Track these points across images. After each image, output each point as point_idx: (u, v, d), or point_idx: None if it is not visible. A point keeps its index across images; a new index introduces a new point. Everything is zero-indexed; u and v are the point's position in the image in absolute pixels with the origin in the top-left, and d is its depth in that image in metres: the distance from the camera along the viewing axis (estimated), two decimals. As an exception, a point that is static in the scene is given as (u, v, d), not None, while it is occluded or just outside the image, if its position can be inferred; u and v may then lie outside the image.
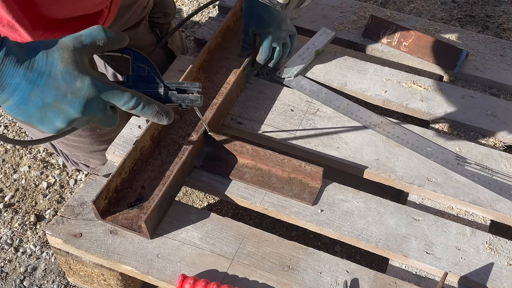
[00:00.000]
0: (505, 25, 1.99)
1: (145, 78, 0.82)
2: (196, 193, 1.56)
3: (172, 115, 0.83)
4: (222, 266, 1.09)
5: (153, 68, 0.82)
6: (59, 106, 0.75)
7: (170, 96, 0.82)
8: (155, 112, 0.80)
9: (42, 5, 1.07)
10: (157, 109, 0.80)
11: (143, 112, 0.80)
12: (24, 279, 1.41)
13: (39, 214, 1.55)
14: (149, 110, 0.80)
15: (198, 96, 0.83)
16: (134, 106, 0.78)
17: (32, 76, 0.74)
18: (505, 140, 1.34)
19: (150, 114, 0.80)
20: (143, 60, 0.83)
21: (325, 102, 1.37)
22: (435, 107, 1.38)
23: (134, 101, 0.78)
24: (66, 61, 0.75)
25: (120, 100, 0.78)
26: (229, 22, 1.50)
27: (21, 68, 0.73)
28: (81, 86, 0.75)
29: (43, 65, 0.74)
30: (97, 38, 0.78)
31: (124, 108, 0.79)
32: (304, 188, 1.19)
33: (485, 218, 1.20)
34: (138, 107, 0.79)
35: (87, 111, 0.76)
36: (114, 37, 0.80)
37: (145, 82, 0.82)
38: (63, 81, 0.74)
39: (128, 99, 0.78)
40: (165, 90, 0.82)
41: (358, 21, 1.61)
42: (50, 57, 0.75)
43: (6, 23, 1.07)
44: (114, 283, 1.18)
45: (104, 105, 0.78)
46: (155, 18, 1.54)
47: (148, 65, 0.82)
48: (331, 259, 1.11)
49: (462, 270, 1.09)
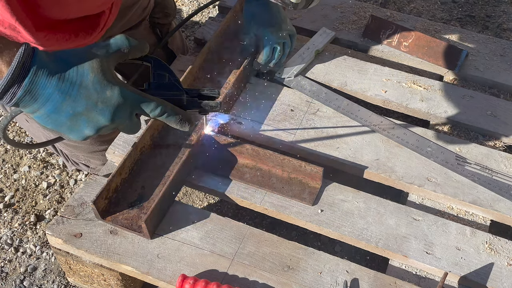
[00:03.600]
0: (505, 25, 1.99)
1: (166, 85, 0.83)
2: (196, 193, 1.56)
3: (194, 122, 0.86)
4: (222, 266, 1.09)
5: (173, 75, 0.84)
6: (90, 115, 0.77)
7: (192, 102, 0.84)
8: (179, 119, 0.83)
9: (45, 6, 1.08)
10: (180, 117, 0.83)
11: (167, 120, 0.82)
12: (24, 279, 1.41)
13: (39, 214, 1.55)
14: (173, 118, 0.82)
15: (218, 103, 0.85)
16: (160, 114, 0.81)
17: (65, 87, 0.75)
18: (505, 140, 1.34)
19: (174, 122, 0.83)
20: (163, 67, 0.84)
21: (325, 102, 1.37)
22: (435, 107, 1.38)
23: (160, 109, 0.80)
24: (96, 71, 0.77)
25: (147, 108, 0.80)
26: (229, 22, 1.50)
27: (53, 78, 0.75)
28: (111, 95, 0.77)
29: (75, 75, 0.76)
30: (122, 46, 0.81)
31: (150, 116, 0.81)
32: (304, 188, 1.19)
33: (485, 218, 1.20)
34: (163, 115, 0.81)
35: (116, 119, 0.79)
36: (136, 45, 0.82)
37: (167, 89, 0.83)
38: (93, 90, 0.76)
39: (154, 107, 0.80)
40: (187, 97, 0.83)
41: (358, 21, 1.61)
42: (81, 67, 0.76)
43: (8, 25, 1.07)
44: (114, 283, 1.18)
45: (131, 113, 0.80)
46: (155, 19, 1.54)
47: (169, 73, 0.84)
48: (331, 259, 1.11)
49: (462, 270, 1.09)
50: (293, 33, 1.38)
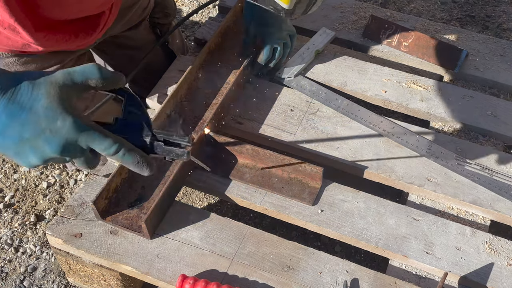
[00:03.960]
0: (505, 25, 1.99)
1: (134, 124, 0.77)
2: (196, 193, 1.56)
3: (154, 167, 0.79)
4: (222, 266, 1.09)
5: (145, 115, 0.78)
6: (36, 143, 0.72)
7: (156, 147, 0.78)
8: (136, 162, 0.76)
9: (45, 7, 1.08)
10: (138, 159, 0.76)
11: (123, 160, 0.76)
12: (24, 279, 1.41)
13: (39, 214, 1.55)
14: (129, 159, 0.76)
15: (185, 152, 0.78)
16: (114, 153, 0.74)
17: (13, 109, 0.70)
18: (505, 140, 1.34)
19: (130, 163, 0.76)
20: (136, 104, 0.78)
21: (325, 102, 1.36)
22: (435, 107, 1.38)
23: (114, 148, 0.74)
24: (52, 97, 0.71)
25: (100, 145, 0.74)
26: (229, 22, 1.50)
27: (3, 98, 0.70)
28: (62, 125, 0.71)
29: (27, 98, 0.71)
30: (90, 77, 0.74)
31: (103, 154, 0.75)
32: (304, 188, 1.19)
33: (485, 218, 1.20)
34: (118, 154, 0.75)
35: (64, 152, 0.73)
36: (109, 78, 0.75)
37: (133, 128, 0.77)
38: (44, 117, 0.71)
39: (108, 146, 0.74)
40: (152, 140, 0.78)
41: (358, 21, 1.61)
42: (36, 90, 0.71)
43: (8, 26, 1.07)
44: (114, 283, 1.18)
45: (83, 147, 0.74)
46: (155, 19, 1.54)
47: (140, 111, 0.78)
48: (331, 259, 1.11)
49: (462, 270, 1.09)
50: (293, 33, 1.38)
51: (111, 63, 1.62)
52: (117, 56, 1.57)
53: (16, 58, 1.20)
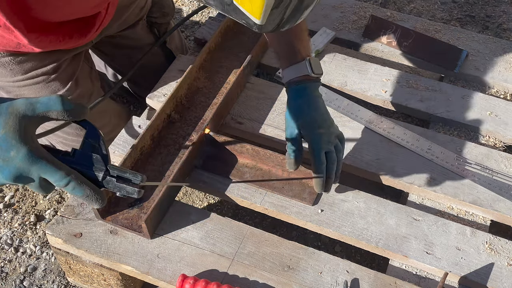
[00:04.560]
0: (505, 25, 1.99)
1: (90, 157, 0.80)
2: (196, 193, 1.56)
3: (105, 200, 0.81)
4: (222, 266, 1.09)
5: (103, 148, 0.81)
6: None
7: (107, 182, 0.80)
8: (86, 195, 0.79)
9: (36, 8, 1.07)
10: (88, 193, 0.79)
11: (73, 193, 0.78)
12: (24, 279, 1.41)
13: (39, 214, 1.55)
14: (79, 192, 0.78)
15: (135, 190, 0.81)
16: (64, 185, 0.77)
17: None
18: (505, 140, 1.34)
19: (80, 196, 0.79)
20: (95, 137, 0.81)
21: (325, 102, 1.35)
22: (435, 107, 1.38)
23: (65, 181, 0.77)
24: (9, 128, 0.74)
25: (52, 177, 0.76)
26: (229, 22, 1.50)
27: None
28: (14, 156, 0.74)
29: None
30: (53, 109, 0.76)
31: (55, 185, 0.78)
32: (304, 188, 1.19)
33: (485, 218, 1.20)
34: (68, 187, 0.77)
35: (17, 180, 0.76)
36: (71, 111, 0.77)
37: (89, 161, 0.80)
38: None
39: (59, 178, 0.76)
40: (104, 175, 0.80)
41: (358, 21, 1.61)
42: None
43: (3, 24, 1.07)
44: (114, 283, 1.18)
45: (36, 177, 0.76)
46: (153, 18, 1.54)
47: (99, 144, 0.80)
48: (331, 259, 1.11)
49: (462, 270, 1.09)
50: (342, 137, 1.17)
51: (110, 63, 1.62)
52: (116, 56, 1.57)
53: (12, 58, 1.20)
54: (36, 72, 1.26)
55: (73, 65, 1.33)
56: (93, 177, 0.80)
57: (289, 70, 1.16)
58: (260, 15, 0.72)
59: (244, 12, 0.73)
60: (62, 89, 1.31)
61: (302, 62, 1.14)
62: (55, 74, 1.29)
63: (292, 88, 1.15)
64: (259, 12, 0.72)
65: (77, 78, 1.34)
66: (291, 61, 1.15)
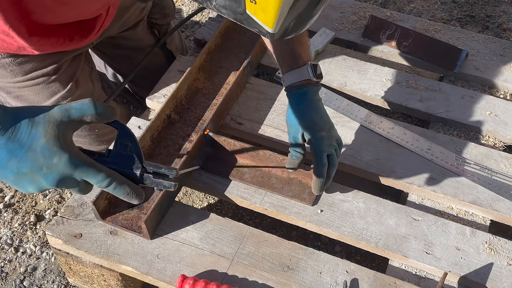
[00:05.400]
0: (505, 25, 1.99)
1: (125, 156, 0.82)
2: (196, 193, 1.56)
3: (143, 196, 0.84)
4: (222, 267, 1.09)
5: (136, 147, 0.83)
6: (34, 177, 0.77)
7: (145, 178, 0.83)
8: (126, 193, 0.82)
9: (40, 13, 1.08)
10: (128, 191, 0.82)
11: (114, 192, 0.81)
12: (24, 279, 1.41)
13: (39, 214, 1.55)
14: (120, 191, 0.81)
15: (172, 184, 0.84)
16: (106, 185, 0.80)
17: (13, 146, 0.75)
18: (505, 140, 1.34)
19: (121, 195, 0.82)
20: (128, 137, 0.83)
21: (325, 102, 1.36)
22: (435, 107, 1.38)
23: (106, 182, 0.79)
24: (49, 136, 0.76)
25: (94, 179, 0.79)
26: (229, 23, 1.50)
27: (3, 137, 0.75)
28: (57, 162, 0.76)
29: (25, 137, 0.75)
30: (87, 113, 0.79)
31: (97, 186, 0.80)
32: (304, 188, 1.19)
33: (485, 218, 1.20)
34: (110, 187, 0.80)
35: (59, 185, 0.78)
36: (103, 113, 0.80)
37: (125, 160, 0.82)
38: (41, 155, 0.76)
39: (101, 179, 0.79)
40: (142, 172, 0.83)
41: (358, 21, 1.61)
42: (34, 129, 0.76)
43: (2, 31, 1.07)
44: (114, 283, 1.18)
45: (78, 180, 0.79)
46: (153, 19, 1.54)
47: (132, 143, 0.83)
48: (331, 259, 1.11)
49: (462, 270, 1.09)
50: (340, 141, 1.18)
51: (110, 64, 1.62)
52: (116, 57, 1.57)
53: (12, 59, 1.20)
54: (37, 73, 1.26)
55: (73, 66, 1.33)
56: (131, 175, 0.82)
57: (290, 74, 1.16)
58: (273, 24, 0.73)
59: (257, 22, 0.74)
60: (62, 90, 1.31)
61: (303, 66, 1.14)
62: (56, 75, 1.29)
63: (293, 93, 1.16)
64: (272, 22, 0.73)
65: (77, 79, 1.35)
66: (292, 66, 1.15)
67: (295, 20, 0.75)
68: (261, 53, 1.49)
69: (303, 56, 1.15)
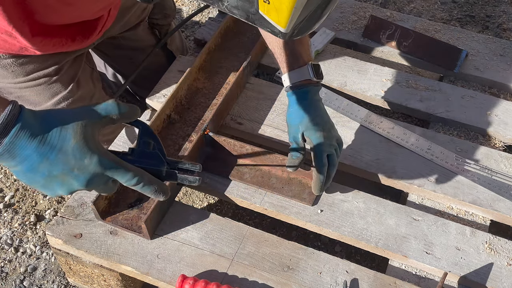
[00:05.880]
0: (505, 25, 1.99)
1: (149, 154, 0.84)
2: (196, 193, 1.56)
3: (169, 193, 0.86)
4: (222, 267, 1.09)
5: (159, 144, 0.85)
6: (65, 178, 0.78)
7: (170, 175, 0.85)
8: (154, 191, 0.83)
9: (44, 13, 1.08)
10: (156, 189, 0.83)
11: (142, 190, 0.83)
12: (24, 279, 1.41)
13: (39, 214, 1.55)
14: (148, 189, 0.83)
15: (197, 178, 0.85)
16: (135, 184, 0.81)
17: (44, 150, 0.76)
18: (505, 140, 1.34)
19: (148, 192, 0.84)
20: (150, 135, 0.85)
21: (325, 102, 1.36)
22: (435, 107, 1.38)
23: (135, 181, 0.81)
24: (79, 137, 0.77)
25: (123, 178, 0.80)
26: (229, 23, 1.50)
27: (34, 141, 0.75)
28: (89, 163, 0.77)
29: (56, 139, 0.76)
30: (111, 113, 0.80)
31: (125, 184, 0.82)
32: (304, 188, 1.19)
33: (485, 218, 1.20)
34: (138, 186, 0.82)
35: (89, 185, 0.79)
36: (126, 113, 0.82)
37: (149, 158, 0.84)
38: (72, 156, 0.77)
39: (130, 178, 0.80)
40: (167, 168, 0.85)
41: (358, 21, 1.61)
42: (64, 131, 0.77)
43: (4, 32, 1.08)
44: (114, 283, 1.18)
45: (107, 179, 0.81)
46: (154, 20, 1.54)
47: (155, 141, 0.85)
48: (331, 259, 1.11)
49: (462, 270, 1.09)
50: (340, 141, 1.18)
51: (111, 64, 1.62)
52: (117, 57, 1.57)
53: (14, 60, 1.20)
54: (38, 74, 1.26)
55: (74, 66, 1.33)
56: (157, 172, 0.84)
57: (291, 74, 1.16)
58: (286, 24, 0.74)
59: (270, 21, 0.74)
60: (63, 90, 1.31)
61: (304, 66, 1.14)
62: (57, 76, 1.29)
63: (294, 92, 1.16)
64: (285, 22, 0.73)
65: (78, 80, 1.35)
66: (293, 66, 1.15)
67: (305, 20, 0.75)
68: (261, 53, 1.49)
69: (304, 56, 1.15)
